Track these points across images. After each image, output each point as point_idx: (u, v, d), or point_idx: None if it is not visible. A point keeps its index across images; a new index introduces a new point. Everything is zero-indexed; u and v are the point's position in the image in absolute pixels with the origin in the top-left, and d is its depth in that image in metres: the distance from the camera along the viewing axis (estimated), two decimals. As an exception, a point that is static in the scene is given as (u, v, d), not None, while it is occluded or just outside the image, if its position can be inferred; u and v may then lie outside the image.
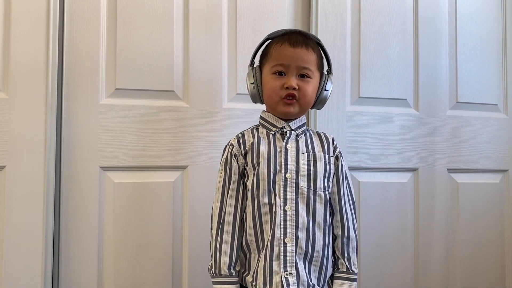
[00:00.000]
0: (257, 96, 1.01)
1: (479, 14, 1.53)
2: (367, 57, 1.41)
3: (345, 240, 0.97)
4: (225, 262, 0.93)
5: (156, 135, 1.26)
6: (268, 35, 1.01)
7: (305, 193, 0.93)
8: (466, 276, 1.48)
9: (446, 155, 1.47)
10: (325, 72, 1.02)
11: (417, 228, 1.44)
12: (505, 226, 1.53)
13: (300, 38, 0.97)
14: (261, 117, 1.02)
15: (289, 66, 0.94)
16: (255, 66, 1.02)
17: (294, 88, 0.93)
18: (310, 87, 0.96)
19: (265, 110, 1.02)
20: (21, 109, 1.16)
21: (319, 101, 1.01)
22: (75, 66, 1.22)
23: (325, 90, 1.00)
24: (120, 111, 1.24)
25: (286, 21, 1.37)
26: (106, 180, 1.23)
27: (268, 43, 1.01)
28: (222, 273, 0.93)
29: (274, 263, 0.90)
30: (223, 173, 0.97)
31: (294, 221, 0.92)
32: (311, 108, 1.02)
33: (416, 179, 1.45)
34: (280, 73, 0.95)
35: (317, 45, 1.00)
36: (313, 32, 1.36)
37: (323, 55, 1.02)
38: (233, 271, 0.93)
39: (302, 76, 0.95)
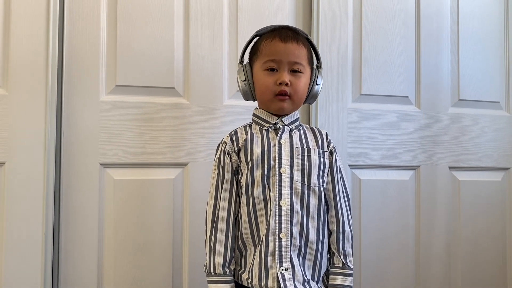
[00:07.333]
0: (249, 94, 1.00)
1: (481, 10, 1.52)
2: (369, 54, 1.40)
3: (340, 235, 0.96)
4: (219, 261, 0.92)
5: (157, 132, 1.25)
6: (256, 32, 1.00)
7: (300, 188, 0.93)
8: (467, 274, 1.47)
9: (447, 152, 1.46)
10: (314, 66, 1.02)
11: (418, 226, 1.43)
12: (507, 224, 1.52)
13: (290, 33, 0.96)
14: (253, 114, 1.01)
15: (281, 61, 0.94)
16: (245, 63, 1.01)
17: (287, 84, 0.93)
18: (302, 83, 0.96)
19: (258, 107, 1.02)
20: (21, 106, 1.15)
21: (311, 96, 1.01)
22: (75, 62, 1.21)
23: (316, 84, 1.00)
24: (120, 108, 1.23)
25: (287, 17, 1.36)
26: (106, 177, 1.22)
27: (257, 40, 1.00)
28: (216, 272, 0.92)
29: (269, 258, 0.90)
30: (216, 171, 0.96)
31: (289, 216, 0.91)
32: (303, 103, 1.02)
33: (417, 177, 1.44)
34: (272, 69, 0.95)
35: (306, 40, 0.99)
36: (314, 29, 1.35)
37: (312, 50, 1.02)
38: (227, 270, 0.93)
39: (294, 71, 0.95)
